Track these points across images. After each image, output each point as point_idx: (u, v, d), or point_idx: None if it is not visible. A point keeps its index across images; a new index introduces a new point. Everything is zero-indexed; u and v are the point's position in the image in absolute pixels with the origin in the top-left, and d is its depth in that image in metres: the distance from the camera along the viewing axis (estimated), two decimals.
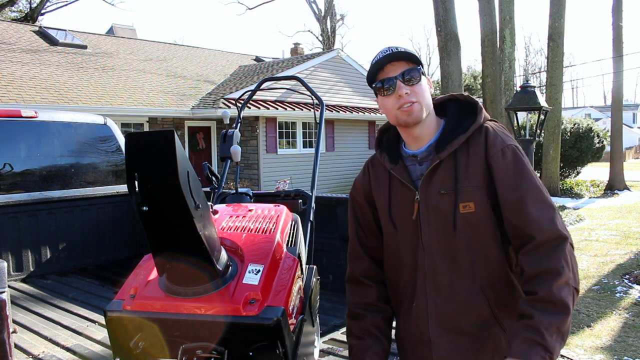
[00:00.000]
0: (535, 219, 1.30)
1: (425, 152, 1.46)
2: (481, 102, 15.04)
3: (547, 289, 1.24)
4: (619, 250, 7.87)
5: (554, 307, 1.23)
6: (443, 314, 1.43)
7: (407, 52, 1.40)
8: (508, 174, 1.35)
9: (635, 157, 40.08)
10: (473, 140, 1.41)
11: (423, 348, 1.47)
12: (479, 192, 1.38)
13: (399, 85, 1.39)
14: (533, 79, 41.00)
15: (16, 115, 4.46)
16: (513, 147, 1.39)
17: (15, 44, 13.78)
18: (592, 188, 16.39)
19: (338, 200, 4.26)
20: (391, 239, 1.52)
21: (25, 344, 2.92)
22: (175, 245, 1.57)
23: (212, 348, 1.72)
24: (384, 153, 1.54)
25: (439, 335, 1.43)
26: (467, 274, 1.40)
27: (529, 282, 1.29)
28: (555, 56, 14.18)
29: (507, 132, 1.46)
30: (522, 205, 1.32)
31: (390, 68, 1.40)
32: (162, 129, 1.44)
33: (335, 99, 15.69)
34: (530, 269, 1.29)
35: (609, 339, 4.45)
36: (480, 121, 1.43)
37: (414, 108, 1.39)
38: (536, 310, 1.24)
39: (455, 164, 1.40)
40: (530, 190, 1.33)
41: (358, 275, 1.59)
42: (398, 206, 1.48)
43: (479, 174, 1.38)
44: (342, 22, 37.99)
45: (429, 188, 1.42)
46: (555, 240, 1.29)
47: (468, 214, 1.38)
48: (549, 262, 1.27)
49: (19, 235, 4.48)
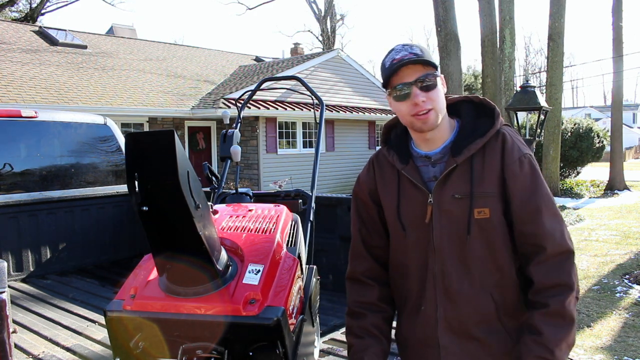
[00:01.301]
0: (548, 231, 1.33)
1: (439, 153, 1.43)
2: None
3: (559, 302, 1.30)
4: (619, 250, 7.87)
5: (562, 321, 1.30)
6: (452, 318, 1.42)
7: (424, 56, 1.34)
8: (525, 185, 1.36)
9: (635, 157, 40.08)
10: (489, 145, 1.40)
11: (430, 352, 1.46)
12: (494, 198, 1.37)
13: (415, 92, 1.33)
14: (533, 79, 41.01)
15: (16, 115, 4.46)
16: (529, 156, 1.39)
17: (15, 44, 13.78)
18: (592, 188, 16.39)
19: (338, 200, 4.26)
20: (399, 240, 1.50)
21: (25, 344, 2.92)
22: (175, 245, 1.57)
23: (212, 348, 1.72)
24: (392, 151, 1.50)
25: (448, 340, 1.42)
26: (477, 279, 1.40)
27: (539, 293, 1.33)
28: (555, 56, 14.18)
29: (522, 139, 1.45)
30: (538, 217, 1.34)
31: (406, 72, 1.34)
32: (162, 129, 1.43)
33: (335, 99, 15.69)
34: (541, 280, 1.33)
35: (609, 339, 4.45)
36: (498, 126, 1.41)
37: (429, 116, 1.35)
38: (545, 326, 1.30)
39: (471, 169, 1.38)
40: (545, 202, 1.36)
41: (359, 274, 1.57)
42: (408, 207, 1.46)
43: (494, 181, 1.37)
44: (342, 22, 38.02)
45: (443, 191, 1.40)
46: (565, 253, 1.33)
47: (482, 220, 1.37)
48: (561, 276, 1.32)
49: (19, 235, 4.48)
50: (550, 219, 1.34)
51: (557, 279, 1.31)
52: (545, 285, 1.32)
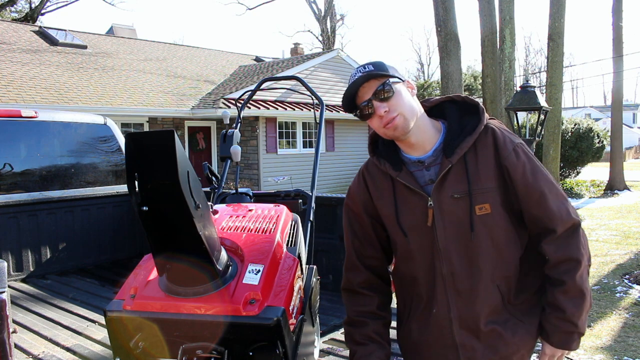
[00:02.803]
0: (555, 213, 1.40)
1: (432, 156, 1.44)
2: (481, 102, 15.04)
3: (572, 278, 1.40)
4: (619, 250, 7.87)
5: (580, 295, 1.41)
6: (466, 316, 1.44)
7: (374, 71, 1.38)
8: (525, 173, 1.40)
9: (635, 157, 40.07)
10: (480, 141, 1.42)
11: (449, 352, 1.47)
12: (493, 193, 1.39)
13: (376, 106, 1.38)
14: (533, 79, 41.01)
15: (16, 115, 4.46)
16: (521, 145, 1.44)
17: (15, 44, 13.78)
18: (592, 188, 16.39)
19: (338, 200, 4.26)
20: (402, 247, 1.50)
21: (25, 344, 2.91)
22: (175, 245, 1.57)
23: (212, 348, 1.71)
24: (382, 159, 1.50)
25: (465, 338, 1.44)
26: (486, 274, 1.42)
27: (554, 269, 1.42)
28: (555, 56, 14.16)
29: (509, 130, 1.48)
30: (543, 201, 1.41)
31: (363, 91, 1.39)
32: (162, 129, 1.43)
33: (335, 99, 15.68)
34: (554, 256, 1.41)
35: (609, 339, 4.45)
36: (485, 122, 1.43)
37: (397, 122, 1.38)
38: (568, 303, 1.41)
39: (466, 167, 1.40)
40: (547, 185, 1.42)
41: (355, 286, 1.58)
42: (407, 213, 1.46)
43: (490, 175, 1.39)
44: (342, 22, 38.04)
45: (441, 193, 1.41)
46: (572, 228, 1.42)
47: (484, 216, 1.39)
48: (570, 250, 1.41)
49: (19, 235, 4.48)
50: (555, 201, 1.41)
51: (567, 254, 1.40)
52: (558, 260, 1.41)
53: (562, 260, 1.40)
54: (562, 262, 1.40)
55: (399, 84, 1.40)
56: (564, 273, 1.40)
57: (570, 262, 1.40)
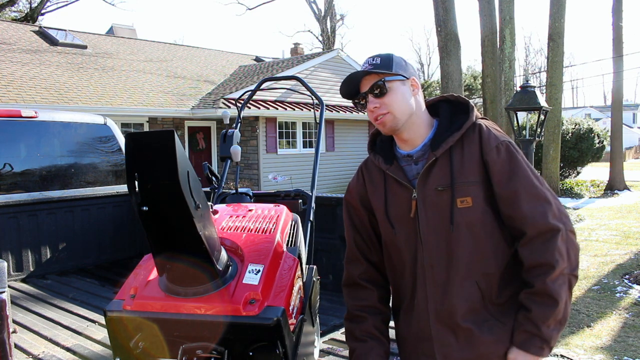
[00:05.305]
0: (527, 214, 1.37)
1: (420, 151, 1.49)
2: (481, 102, 15.06)
3: (542, 282, 1.35)
4: (619, 250, 7.87)
5: (548, 300, 1.35)
6: (441, 310, 1.44)
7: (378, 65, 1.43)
8: (503, 170, 1.40)
9: (635, 157, 40.08)
10: (467, 137, 1.44)
11: (425, 344, 1.48)
12: (475, 187, 1.41)
13: (370, 100, 1.44)
14: (533, 79, 41.00)
15: (16, 115, 4.46)
16: (507, 143, 1.43)
17: (15, 44, 13.78)
18: (592, 188, 16.39)
19: (338, 200, 4.26)
20: (390, 239, 1.53)
21: (25, 344, 2.92)
22: (175, 245, 1.57)
23: (212, 348, 1.72)
24: (377, 155, 1.56)
25: (440, 332, 1.45)
26: (464, 268, 1.42)
27: (526, 273, 1.40)
28: (555, 56, 14.17)
29: (499, 129, 1.50)
30: (516, 201, 1.39)
31: (364, 82, 1.45)
32: (162, 129, 1.44)
33: (335, 99, 15.68)
34: (527, 261, 1.39)
35: (609, 339, 4.45)
36: (473, 119, 1.46)
37: (385, 120, 1.44)
38: (534, 304, 1.37)
39: (451, 161, 1.43)
40: (524, 185, 1.39)
41: (356, 278, 1.60)
42: (395, 205, 1.50)
43: (474, 170, 1.41)
44: (342, 22, 38.02)
45: (426, 185, 1.44)
46: (547, 233, 1.36)
47: (465, 209, 1.40)
48: (543, 255, 1.35)
49: (19, 235, 4.48)
50: (529, 203, 1.37)
51: (540, 259, 1.36)
52: (530, 265, 1.38)
53: (534, 265, 1.37)
54: (535, 267, 1.37)
55: (398, 82, 1.44)
56: (535, 277, 1.37)
57: (542, 267, 1.35)
